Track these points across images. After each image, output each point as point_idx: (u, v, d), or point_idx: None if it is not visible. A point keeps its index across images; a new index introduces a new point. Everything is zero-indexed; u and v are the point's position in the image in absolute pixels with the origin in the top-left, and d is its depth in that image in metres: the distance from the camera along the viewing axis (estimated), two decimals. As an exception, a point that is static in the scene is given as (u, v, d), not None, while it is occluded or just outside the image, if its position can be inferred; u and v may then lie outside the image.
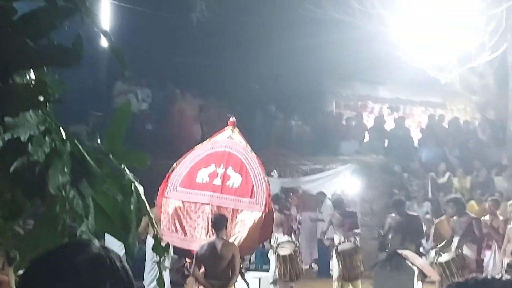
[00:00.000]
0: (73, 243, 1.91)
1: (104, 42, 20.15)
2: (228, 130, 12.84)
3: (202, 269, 10.47)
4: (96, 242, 1.84)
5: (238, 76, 25.79)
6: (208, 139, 13.12)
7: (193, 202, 11.82)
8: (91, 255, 1.73)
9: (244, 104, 24.89)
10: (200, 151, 12.59)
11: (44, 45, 2.75)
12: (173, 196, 12.06)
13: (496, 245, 14.41)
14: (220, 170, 12.02)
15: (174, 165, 12.64)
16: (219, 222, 10.49)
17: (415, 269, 9.98)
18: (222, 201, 11.76)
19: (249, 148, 12.62)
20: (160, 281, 3.64)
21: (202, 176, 12.03)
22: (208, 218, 11.22)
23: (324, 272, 18.25)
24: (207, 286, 10.12)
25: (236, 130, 12.94)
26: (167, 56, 24.96)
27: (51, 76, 2.97)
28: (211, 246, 10.23)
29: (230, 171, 11.98)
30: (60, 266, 1.68)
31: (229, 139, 12.67)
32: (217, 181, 11.88)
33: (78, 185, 2.79)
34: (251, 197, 11.77)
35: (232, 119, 13.17)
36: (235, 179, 11.94)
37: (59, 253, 1.76)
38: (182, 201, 11.93)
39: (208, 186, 11.87)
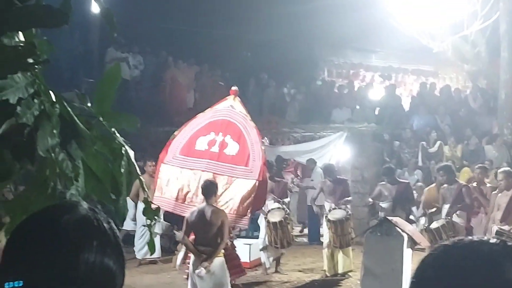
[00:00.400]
0: (60, 205, 1.90)
1: (95, 8, 20.04)
2: (229, 99, 13.06)
3: (193, 236, 10.47)
4: (84, 203, 1.83)
5: (230, 43, 25.74)
6: (210, 108, 13.17)
7: (190, 169, 11.92)
8: (77, 216, 1.72)
9: (237, 72, 24.86)
10: (201, 119, 12.81)
11: (32, 5, 2.72)
12: (172, 163, 12.18)
13: (484, 212, 14.48)
14: (219, 138, 12.19)
15: (176, 132, 12.83)
16: (209, 189, 10.48)
17: (405, 235, 10.03)
18: (218, 168, 11.89)
19: (249, 117, 12.74)
20: (151, 244, 3.65)
21: (201, 143, 12.18)
22: (199, 185, 11.27)
23: (314, 239, 18.33)
24: (196, 253, 10.13)
25: (238, 99, 13.15)
26: (160, 23, 24.89)
27: (39, 38, 2.95)
28: (201, 212, 10.23)
29: (228, 139, 12.15)
30: (46, 226, 1.68)
31: (230, 108, 12.86)
32: (215, 149, 12.05)
33: (67, 147, 2.78)
34: (246, 165, 11.87)
35: (234, 88, 13.46)
36: (232, 147, 12.09)
37: (45, 214, 1.75)
38: (180, 168, 12.03)
39: (206, 154, 12.00)
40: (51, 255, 1.61)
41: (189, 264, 10.49)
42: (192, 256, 10.35)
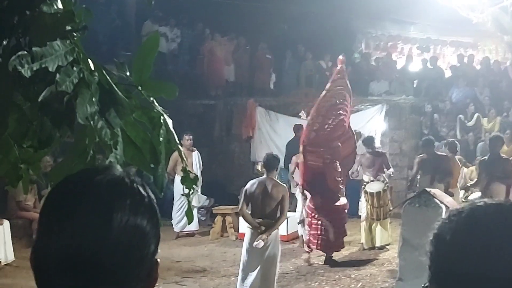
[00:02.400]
0: (94, 167, 1.90)
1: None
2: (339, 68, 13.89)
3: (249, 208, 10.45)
4: (118, 167, 1.83)
5: (267, 16, 25.62)
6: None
7: None
8: (110, 176, 1.72)
9: (274, 44, 24.79)
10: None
11: (71, -27, 2.72)
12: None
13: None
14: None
15: None
16: (271, 162, 10.46)
17: (444, 207, 9.96)
18: None
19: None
20: (189, 213, 3.65)
21: None
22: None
23: (352, 212, 18.28)
24: (254, 224, 10.09)
25: (342, 67, 14.13)
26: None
27: (78, 6, 2.96)
28: (262, 185, 10.19)
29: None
30: (79, 187, 1.68)
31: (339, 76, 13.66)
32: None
33: (106, 115, 2.78)
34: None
35: (340, 57, 14.12)
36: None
37: (79, 176, 1.76)
38: None
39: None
40: (84, 215, 1.62)
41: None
42: (248, 229, 10.32)
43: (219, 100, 22.15)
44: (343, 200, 13.48)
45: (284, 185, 10.78)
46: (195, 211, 16.53)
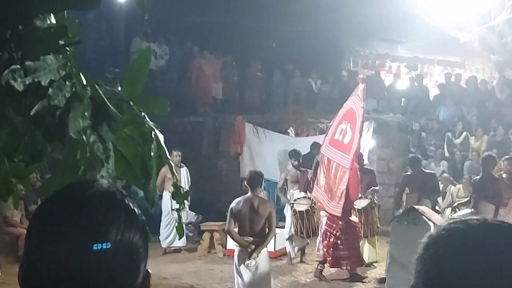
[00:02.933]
0: (82, 181, 1.90)
1: (121, -1, 20.01)
2: (359, 87, 13.55)
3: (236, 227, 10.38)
4: (104, 180, 1.84)
5: (256, 34, 25.72)
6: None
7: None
8: (102, 189, 1.73)
9: (262, 62, 24.86)
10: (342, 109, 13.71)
11: (65, -12, 2.74)
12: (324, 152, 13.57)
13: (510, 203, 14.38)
14: (344, 126, 13.18)
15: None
16: (255, 179, 10.41)
17: (432, 224, 9.99)
18: (336, 156, 13.11)
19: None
20: (179, 228, 3.65)
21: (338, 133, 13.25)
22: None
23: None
24: (242, 243, 10.05)
25: (362, 86, 13.61)
26: (186, 14, 24.92)
27: (71, 20, 2.97)
28: (248, 202, 10.13)
29: (348, 127, 12.85)
30: (73, 201, 1.69)
31: (357, 96, 13.41)
32: (340, 137, 12.84)
33: (98, 129, 2.79)
34: (348, 153, 12.73)
35: (361, 76, 14.06)
36: (348, 136, 12.76)
37: (69, 190, 1.76)
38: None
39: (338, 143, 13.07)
40: (79, 230, 1.62)
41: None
42: (237, 247, 10.27)
43: (207, 117, 22.17)
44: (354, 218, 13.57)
45: (270, 201, 10.76)
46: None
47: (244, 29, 25.61)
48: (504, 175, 14.49)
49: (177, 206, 3.38)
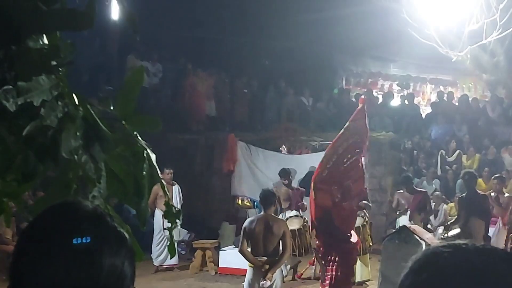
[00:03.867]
0: (67, 201, 1.88)
1: (115, 16, 20.07)
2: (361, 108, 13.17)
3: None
4: (96, 201, 1.85)
5: (249, 51, 25.79)
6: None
7: None
8: (92, 210, 1.74)
9: (255, 79, 24.90)
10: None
11: (57, 9, 2.75)
12: None
13: (500, 222, 14.43)
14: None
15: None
16: (268, 198, 10.34)
17: (424, 243, 9.99)
18: None
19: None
20: (171, 247, 3.66)
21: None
22: None
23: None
24: (256, 263, 9.98)
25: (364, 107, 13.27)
26: (179, 31, 24.97)
27: (63, 41, 2.98)
28: (261, 222, 10.05)
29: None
30: (63, 223, 1.68)
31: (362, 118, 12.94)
32: None
33: (90, 149, 2.80)
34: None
35: (363, 97, 13.69)
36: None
37: (57, 211, 1.75)
38: None
39: None
40: (72, 256, 1.62)
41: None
42: (250, 267, 10.18)
43: (200, 135, 22.15)
44: (353, 239, 13.19)
45: (284, 220, 10.69)
46: (175, 245, 16.46)
47: (237, 46, 25.68)
48: (492, 194, 14.55)
49: (169, 224, 3.39)
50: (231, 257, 15.40)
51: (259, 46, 25.93)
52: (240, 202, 20.80)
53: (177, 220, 3.37)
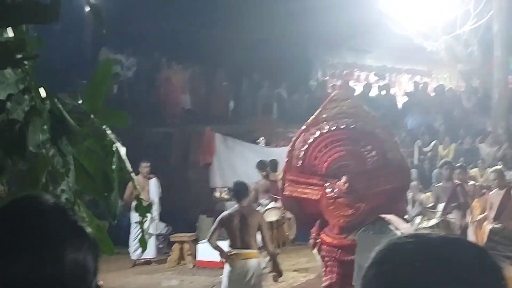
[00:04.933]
0: (28, 195, 1.85)
1: (89, 9, 19.92)
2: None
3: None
4: (47, 195, 1.82)
5: (224, 44, 25.71)
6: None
7: None
8: (53, 204, 1.72)
9: (230, 72, 24.86)
10: None
11: (22, 2, 2.72)
12: None
13: (469, 211, 14.46)
14: None
15: None
16: (241, 191, 10.26)
17: (399, 233, 9.96)
18: None
19: None
20: (142, 241, 3.65)
21: None
22: None
23: (308, 239, 18.25)
24: (226, 256, 9.92)
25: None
26: (153, 24, 24.84)
27: (30, 34, 2.96)
28: (238, 214, 9.90)
29: None
30: (26, 219, 1.66)
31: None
32: None
33: (58, 143, 2.78)
34: None
35: (339, 83, 12.99)
36: None
37: (18, 206, 1.73)
38: None
39: None
40: (34, 251, 1.61)
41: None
42: (229, 259, 10.07)
43: (176, 128, 22.08)
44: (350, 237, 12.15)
45: (260, 212, 10.61)
46: (153, 239, 16.45)
47: (212, 39, 25.59)
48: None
49: (140, 218, 3.38)
50: (209, 250, 15.35)
51: (234, 38, 25.87)
52: (217, 195, 20.78)
53: (148, 214, 3.36)
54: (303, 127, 11.25)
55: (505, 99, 21.59)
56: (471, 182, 15.49)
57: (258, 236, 10.20)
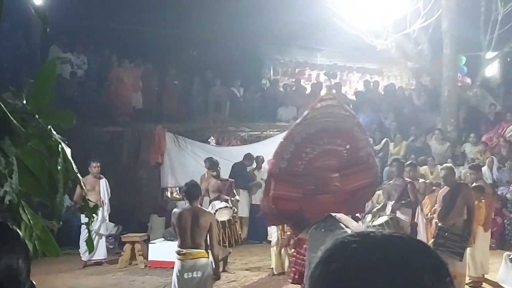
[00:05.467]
0: None
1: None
2: None
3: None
4: (8, 196, 1.80)
5: (175, 42, 25.66)
6: None
7: None
8: None
9: (182, 70, 24.77)
10: None
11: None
12: None
13: (419, 209, 14.58)
14: None
15: None
16: (193, 191, 10.21)
17: (349, 232, 10.00)
18: None
19: None
20: (89, 242, 3.60)
21: None
22: None
23: (260, 237, 18.31)
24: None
25: None
26: (104, 22, 24.64)
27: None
28: (188, 214, 9.87)
29: None
30: None
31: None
32: None
33: (1, 144, 2.72)
34: None
35: (328, 83, 12.66)
36: None
37: None
38: None
39: None
40: None
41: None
42: (178, 260, 10.03)
43: (127, 127, 21.91)
44: None
45: (211, 212, 10.57)
46: (103, 239, 16.34)
47: (163, 37, 25.52)
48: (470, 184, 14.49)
49: (94, 219, 3.33)
50: (160, 250, 15.33)
51: (186, 37, 25.82)
52: (169, 194, 20.72)
53: (94, 215, 3.32)
54: (290, 127, 11.51)
55: (454, 96, 21.87)
56: (421, 180, 15.66)
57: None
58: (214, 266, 9.95)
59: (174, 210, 10.38)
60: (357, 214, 14.51)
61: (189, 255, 9.81)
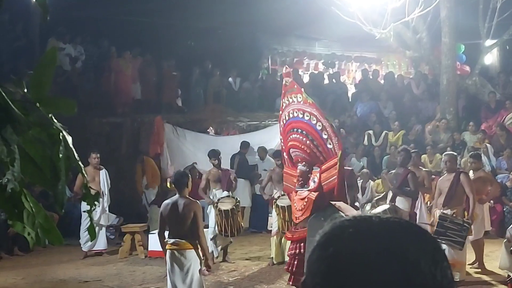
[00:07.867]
0: None
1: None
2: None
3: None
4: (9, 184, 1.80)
5: (174, 32, 25.62)
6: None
7: None
8: None
9: (181, 61, 24.74)
10: None
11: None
12: None
13: (421, 197, 14.53)
14: None
15: None
16: (180, 181, 10.23)
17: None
18: None
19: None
20: (91, 230, 3.61)
21: None
22: None
23: (261, 227, 18.34)
24: (163, 248, 9.96)
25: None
26: (102, 13, 24.60)
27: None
28: (175, 205, 9.95)
29: None
30: None
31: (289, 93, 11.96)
32: None
33: (2, 132, 2.73)
34: None
35: (284, 70, 12.46)
36: None
37: None
38: None
39: None
40: None
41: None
42: (168, 250, 10.08)
43: (126, 118, 21.88)
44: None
45: (196, 201, 10.57)
46: (103, 230, 16.35)
47: (162, 28, 25.48)
48: (471, 173, 14.46)
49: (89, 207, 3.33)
50: (160, 240, 15.36)
51: (184, 27, 25.78)
52: (169, 184, 20.72)
53: (96, 203, 3.32)
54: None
55: (453, 85, 21.86)
56: (424, 169, 15.61)
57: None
58: (203, 257, 9.96)
59: (164, 201, 10.44)
60: (356, 203, 14.55)
61: (177, 245, 9.88)
